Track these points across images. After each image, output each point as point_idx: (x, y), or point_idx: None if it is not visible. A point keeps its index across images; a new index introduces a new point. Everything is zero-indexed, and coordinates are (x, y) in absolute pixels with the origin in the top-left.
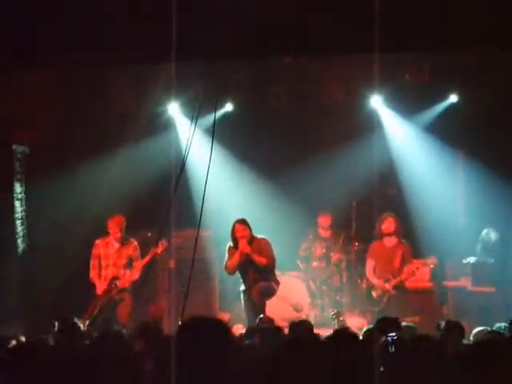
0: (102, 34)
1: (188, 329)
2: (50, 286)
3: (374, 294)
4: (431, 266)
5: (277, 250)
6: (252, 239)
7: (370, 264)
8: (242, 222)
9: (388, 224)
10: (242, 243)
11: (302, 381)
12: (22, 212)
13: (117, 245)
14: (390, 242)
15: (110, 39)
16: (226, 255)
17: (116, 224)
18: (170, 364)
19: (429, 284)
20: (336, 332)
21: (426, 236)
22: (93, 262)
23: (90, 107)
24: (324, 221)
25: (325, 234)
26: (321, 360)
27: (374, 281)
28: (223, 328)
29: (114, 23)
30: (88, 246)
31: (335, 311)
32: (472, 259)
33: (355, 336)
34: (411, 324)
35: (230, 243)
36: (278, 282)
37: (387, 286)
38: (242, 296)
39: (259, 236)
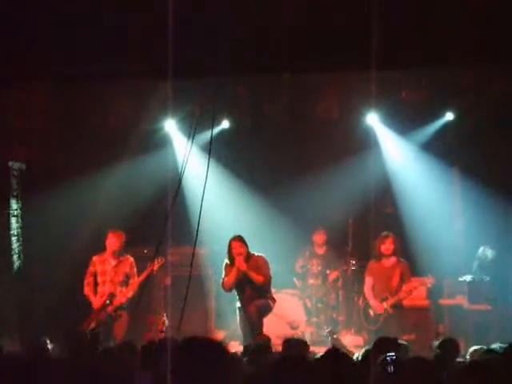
0: (100, 50)
1: (184, 350)
2: (46, 302)
3: (371, 312)
4: (428, 286)
5: (273, 268)
6: (249, 256)
7: (368, 282)
8: (239, 239)
9: (388, 244)
10: (239, 261)
11: None
12: (17, 228)
13: (113, 262)
14: (389, 261)
15: (107, 55)
16: (223, 272)
17: (114, 239)
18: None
19: (425, 302)
20: (327, 352)
21: (422, 254)
22: (87, 279)
23: (86, 123)
24: (318, 238)
25: (320, 251)
26: (311, 380)
27: (371, 300)
28: (219, 349)
29: (112, 38)
30: (84, 262)
31: (329, 329)
32: (468, 277)
33: (346, 356)
34: (405, 343)
35: (227, 260)
36: (274, 300)
37: (385, 305)
38: (238, 313)
39: (256, 254)
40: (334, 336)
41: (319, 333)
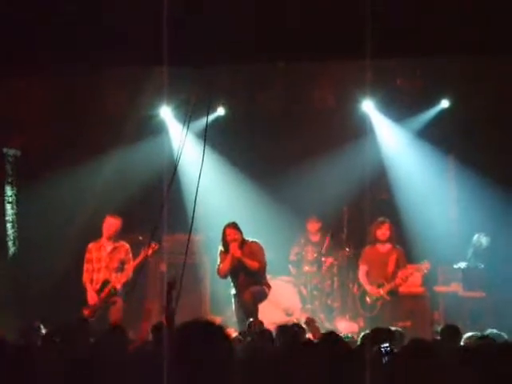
0: (96, 37)
1: (183, 333)
2: (41, 289)
3: (367, 299)
4: (424, 271)
5: (268, 255)
6: (243, 243)
7: (362, 269)
8: (233, 225)
9: (384, 230)
10: (233, 247)
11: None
12: (12, 215)
13: (109, 247)
14: (384, 247)
15: (102, 42)
16: (218, 259)
17: (112, 225)
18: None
19: (420, 289)
20: (324, 336)
21: (417, 241)
22: (86, 266)
23: (82, 110)
24: (312, 226)
25: (315, 238)
26: (309, 364)
27: (368, 286)
28: (218, 330)
29: (108, 25)
30: (80, 249)
31: (306, 319)
32: (463, 264)
33: (343, 341)
34: (400, 329)
35: (221, 247)
36: (269, 286)
37: (381, 291)
38: (233, 300)
39: (251, 240)
40: (316, 324)
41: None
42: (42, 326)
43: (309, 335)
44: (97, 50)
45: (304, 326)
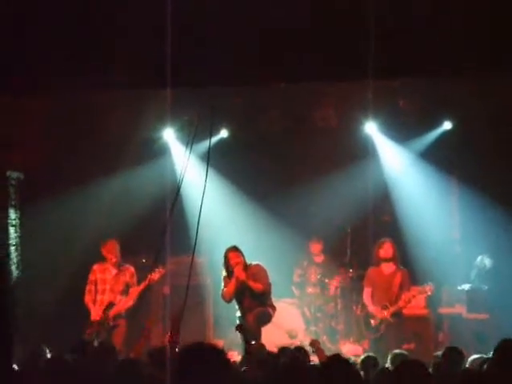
0: (98, 59)
1: (186, 356)
2: (45, 312)
3: (372, 321)
4: (428, 293)
5: (271, 277)
6: (246, 266)
7: (367, 291)
8: (234, 249)
9: (386, 249)
10: (238, 270)
11: None
12: (16, 238)
13: (114, 271)
14: (388, 268)
15: (105, 64)
16: (222, 283)
17: (110, 249)
18: None
19: (425, 311)
20: (330, 358)
21: (420, 262)
22: (89, 287)
23: (84, 133)
24: (314, 247)
25: (318, 259)
26: None
27: (371, 308)
28: (221, 354)
29: (111, 47)
30: (83, 272)
31: (311, 341)
32: (467, 286)
33: (347, 362)
34: (404, 352)
35: (224, 272)
36: (274, 308)
37: (385, 313)
38: (238, 322)
39: (253, 262)
40: (319, 346)
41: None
42: (47, 350)
43: (314, 357)
44: (99, 73)
45: (309, 347)
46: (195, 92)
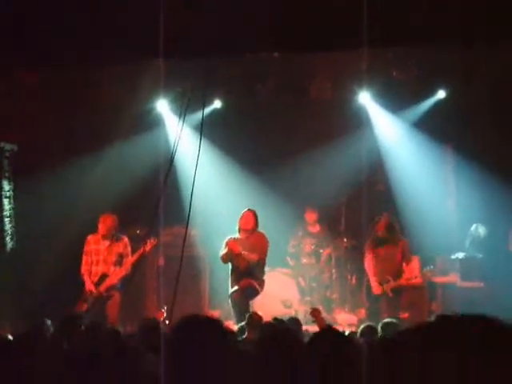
0: (90, 32)
1: (182, 329)
2: (39, 284)
3: (374, 291)
4: (429, 275)
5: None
6: (253, 233)
7: (369, 259)
8: (252, 212)
9: (381, 227)
10: (232, 243)
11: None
12: (9, 210)
13: (107, 241)
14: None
15: (97, 36)
16: (223, 246)
17: (107, 223)
18: (166, 364)
19: (419, 280)
20: (323, 330)
21: (415, 231)
22: (85, 258)
23: (77, 105)
24: (309, 217)
25: (313, 229)
26: (307, 360)
27: (372, 279)
28: (218, 326)
29: (102, 19)
30: (77, 243)
31: (311, 310)
32: (461, 255)
33: (342, 335)
34: (393, 320)
35: (231, 236)
36: (262, 282)
37: (385, 287)
38: (229, 293)
39: (260, 232)
40: (319, 316)
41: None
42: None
43: (314, 327)
44: (92, 45)
45: (310, 316)
46: (188, 63)
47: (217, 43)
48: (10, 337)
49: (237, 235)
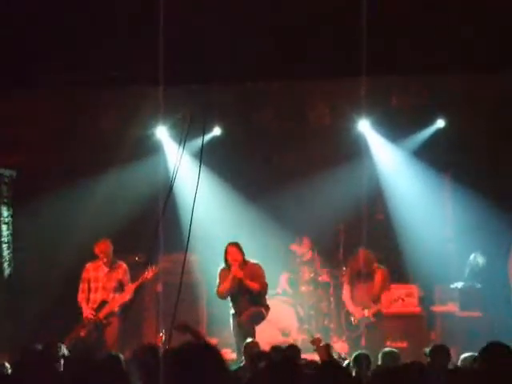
0: (90, 56)
1: (178, 356)
2: (36, 310)
3: (352, 319)
4: (415, 295)
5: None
6: (245, 263)
7: (346, 290)
8: (235, 245)
9: (359, 260)
10: (234, 268)
11: None
12: (8, 236)
13: (106, 268)
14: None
15: (97, 61)
16: (218, 279)
17: (103, 249)
18: None
19: (416, 309)
20: (324, 364)
21: (413, 261)
22: (82, 286)
23: (77, 131)
24: (299, 249)
25: (306, 258)
26: None
27: (351, 306)
28: (214, 353)
29: (103, 45)
30: (75, 269)
31: (313, 338)
32: (460, 284)
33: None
34: (394, 350)
35: (223, 265)
36: (267, 308)
37: (366, 312)
38: (231, 320)
39: (252, 261)
40: (320, 344)
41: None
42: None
43: (314, 355)
44: (92, 70)
45: (309, 344)
46: (188, 89)
47: (215, 71)
48: (7, 364)
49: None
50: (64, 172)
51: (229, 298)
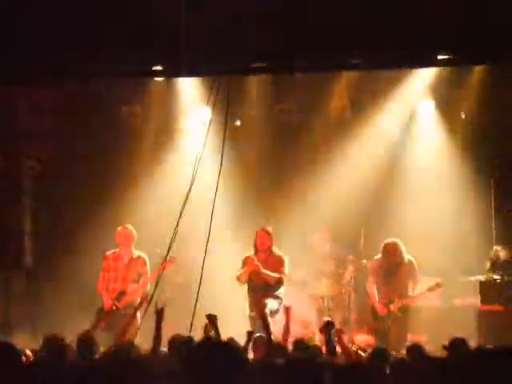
0: (114, 49)
1: (198, 351)
2: (58, 301)
3: (379, 312)
4: (436, 289)
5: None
6: (270, 252)
7: (372, 282)
8: (267, 231)
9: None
10: (251, 261)
11: None
12: (31, 227)
13: (126, 258)
14: (394, 260)
15: (116, 53)
16: (241, 264)
17: (123, 236)
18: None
19: (437, 302)
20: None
21: (435, 254)
22: (102, 275)
23: (100, 122)
24: (322, 237)
25: (326, 248)
26: None
27: (375, 302)
28: (231, 351)
29: (125, 37)
30: (96, 260)
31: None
32: (481, 277)
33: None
34: (418, 343)
35: (249, 253)
36: (282, 301)
37: (391, 307)
38: (248, 312)
39: (277, 252)
40: (341, 335)
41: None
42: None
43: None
44: (114, 62)
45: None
46: (211, 81)
47: (237, 62)
48: (29, 352)
49: (252, 254)
50: (86, 163)
51: (247, 288)
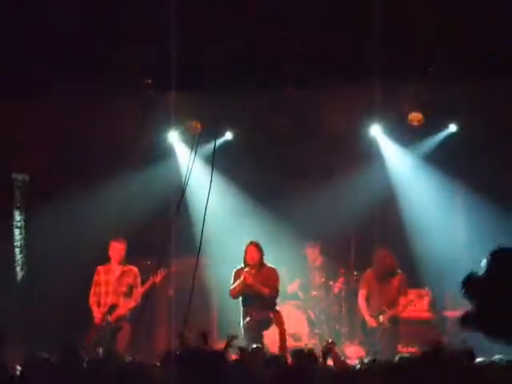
0: (103, 62)
1: (187, 360)
2: (48, 314)
3: (368, 324)
4: (426, 298)
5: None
6: (261, 266)
7: (362, 294)
8: (255, 245)
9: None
10: (245, 274)
11: None
12: (21, 240)
13: (118, 272)
14: (386, 268)
15: (110, 67)
16: (232, 279)
17: (114, 249)
18: None
19: (427, 314)
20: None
21: (425, 266)
22: (94, 289)
23: (89, 135)
24: (311, 253)
25: (317, 263)
26: None
27: (365, 314)
28: (219, 359)
29: (115, 51)
30: (87, 274)
31: (326, 343)
32: None
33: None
34: (409, 356)
35: (238, 267)
36: (277, 313)
37: (381, 318)
38: (241, 324)
39: (268, 265)
40: (334, 350)
41: (322, 344)
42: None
43: (329, 362)
44: (105, 76)
45: (324, 351)
46: (201, 94)
47: (229, 76)
48: (18, 367)
49: (243, 266)
50: (76, 176)
51: (239, 302)
